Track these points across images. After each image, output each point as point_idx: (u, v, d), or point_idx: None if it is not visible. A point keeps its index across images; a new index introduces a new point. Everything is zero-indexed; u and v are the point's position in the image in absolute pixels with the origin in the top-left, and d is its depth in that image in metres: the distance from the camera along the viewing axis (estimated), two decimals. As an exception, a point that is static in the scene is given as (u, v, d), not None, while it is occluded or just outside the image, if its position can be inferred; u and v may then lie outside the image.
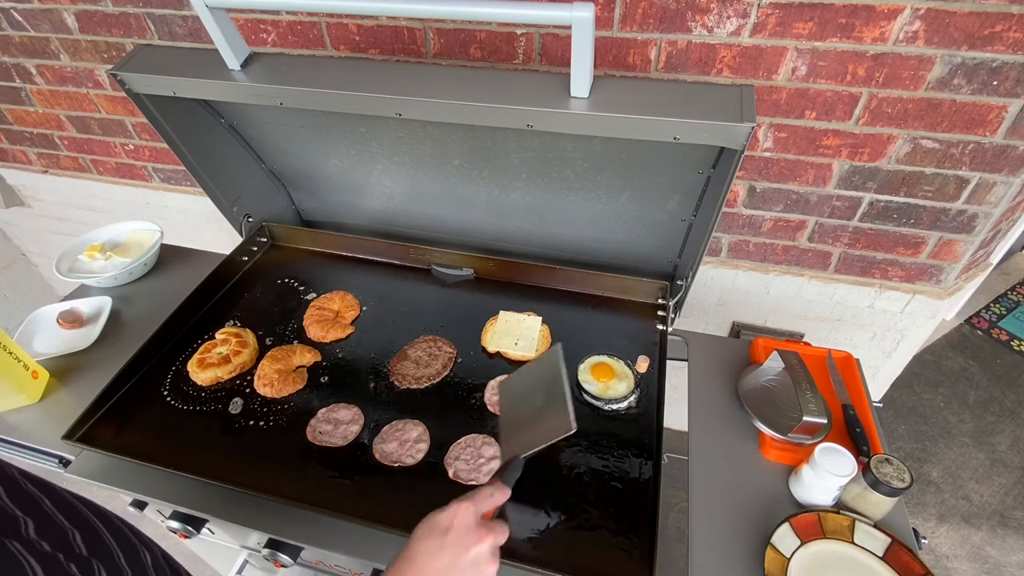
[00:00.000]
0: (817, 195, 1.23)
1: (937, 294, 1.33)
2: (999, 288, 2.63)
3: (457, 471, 0.88)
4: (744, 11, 1.00)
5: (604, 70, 1.14)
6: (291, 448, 0.92)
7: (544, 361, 0.86)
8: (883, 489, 0.77)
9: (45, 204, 2.08)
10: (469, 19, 1.12)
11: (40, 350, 1.10)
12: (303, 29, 1.27)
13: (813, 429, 0.87)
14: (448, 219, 1.29)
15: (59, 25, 1.47)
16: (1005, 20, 0.92)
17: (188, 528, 0.91)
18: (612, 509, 0.84)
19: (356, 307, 1.18)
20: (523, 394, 0.84)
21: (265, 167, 1.31)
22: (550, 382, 0.82)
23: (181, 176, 1.78)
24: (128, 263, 1.25)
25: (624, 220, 1.13)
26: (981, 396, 2.16)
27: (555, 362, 0.84)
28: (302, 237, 1.36)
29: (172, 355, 1.07)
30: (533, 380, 0.85)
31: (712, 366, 1.07)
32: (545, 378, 0.84)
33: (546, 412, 0.79)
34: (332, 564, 0.97)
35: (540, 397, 0.81)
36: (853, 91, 1.05)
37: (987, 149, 1.07)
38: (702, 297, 1.52)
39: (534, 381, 0.85)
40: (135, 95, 0.97)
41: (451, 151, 1.08)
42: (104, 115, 1.67)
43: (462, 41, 1.18)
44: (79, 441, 0.91)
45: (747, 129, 0.72)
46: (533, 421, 0.79)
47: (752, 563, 0.79)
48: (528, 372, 0.87)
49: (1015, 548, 1.71)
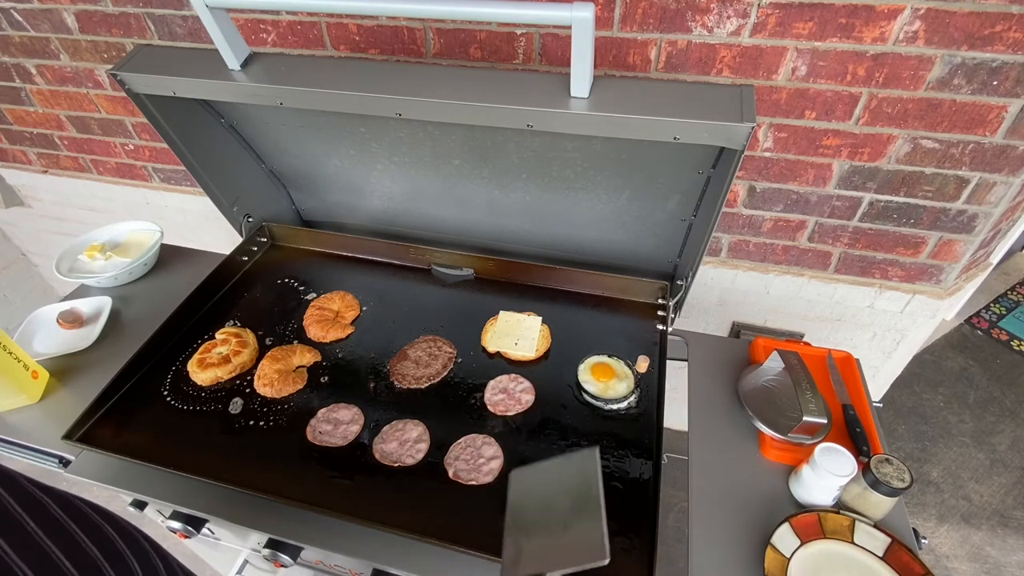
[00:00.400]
0: (817, 195, 1.23)
1: (937, 294, 1.33)
2: (999, 288, 2.63)
3: (457, 471, 0.88)
4: (744, 11, 1.00)
5: (604, 70, 1.14)
6: (291, 448, 0.92)
7: (577, 464, 0.74)
8: (883, 489, 0.77)
9: (45, 204, 2.08)
10: (469, 19, 1.12)
11: (40, 350, 1.10)
12: (303, 29, 1.27)
13: (813, 429, 0.87)
14: (448, 219, 1.29)
15: (59, 25, 1.47)
16: (1005, 20, 0.92)
17: (188, 528, 0.91)
18: (612, 509, 0.83)
19: (356, 307, 1.18)
20: (544, 493, 0.73)
21: (265, 167, 1.31)
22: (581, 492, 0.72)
23: (181, 176, 1.78)
24: (128, 263, 1.25)
25: (624, 220, 1.13)
26: (981, 396, 2.16)
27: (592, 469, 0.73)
28: (302, 237, 1.36)
29: (172, 355, 1.07)
30: (560, 481, 0.74)
31: (712, 366, 1.07)
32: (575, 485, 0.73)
33: (572, 528, 0.69)
34: (332, 564, 0.97)
35: (565, 505, 0.71)
36: (853, 91, 1.05)
37: (987, 149, 1.07)
38: (702, 297, 1.52)
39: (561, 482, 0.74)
40: (135, 95, 0.97)
41: (451, 151, 1.08)
42: (104, 115, 1.67)
43: (462, 41, 1.18)
44: (79, 441, 0.91)
45: (747, 129, 0.72)
46: (552, 532, 0.70)
47: (752, 563, 0.79)
48: (554, 469, 0.75)
49: (1015, 548, 1.71)
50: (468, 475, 0.87)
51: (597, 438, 0.93)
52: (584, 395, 0.99)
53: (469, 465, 0.89)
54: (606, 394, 0.98)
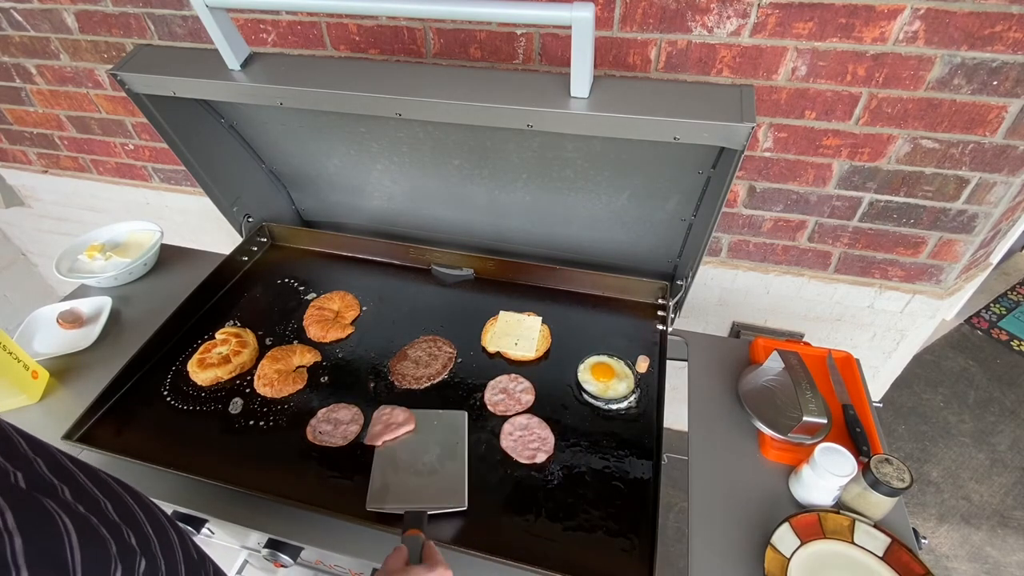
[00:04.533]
0: (817, 195, 1.23)
1: (937, 294, 1.33)
2: (999, 288, 2.62)
3: (457, 471, 0.88)
4: (744, 11, 1.00)
5: (604, 70, 1.14)
6: (291, 448, 0.92)
7: (447, 420, 0.92)
8: (883, 489, 0.77)
9: (45, 204, 2.08)
10: (469, 19, 1.12)
11: (40, 350, 1.10)
12: (303, 29, 1.27)
13: (813, 429, 0.87)
14: (448, 219, 1.29)
15: (59, 25, 1.47)
16: (1005, 20, 0.92)
17: (188, 528, 0.91)
18: (612, 509, 0.84)
19: (356, 307, 1.18)
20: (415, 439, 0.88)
21: (265, 167, 1.31)
22: (450, 444, 0.88)
23: (181, 176, 1.78)
24: (128, 263, 1.25)
25: (624, 220, 1.13)
26: (981, 396, 2.16)
27: (460, 426, 0.91)
28: (302, 237, 1.36)
29: (172, 355, 1.07)
30: (431, 430, 0.90)
31: (712, 366, 1.07)
32: (445, 437, 0.89)
33: (439, 474, 0.84)
34: (332, 564, 0.97)
35: (435, 456, 0.86)
36: (853, 91, 1.05)
37: (987, 149, 1.07)
38: (702, 297, 1.52)
39: (432, 432, 0.90)
40: (135, 95, 0.97)
41: (451, 151, 1.08)
42: (104, 115, 1.67)
43: (462, 41, 1.18)
44: (79, 441, 0.91)
45: (747, 129, 0.72)
46: (420, 474, 0.84)
47: (752, 563, 0.79)
48: (427, 419, 0.92)
49: (1015, 548, 1.71)
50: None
51: (597, 438, 0.93)
52: (584, 395, 0.99)
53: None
54: (606, 394, 0.98)
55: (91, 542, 0.38)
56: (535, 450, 0.90)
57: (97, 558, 0.38)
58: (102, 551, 0.38)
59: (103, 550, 0.39)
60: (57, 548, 0.35)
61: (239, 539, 1.02)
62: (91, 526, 0.39)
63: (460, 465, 0.85)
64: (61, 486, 0.41)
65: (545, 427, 0.93)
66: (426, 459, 0.86)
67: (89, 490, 0.43)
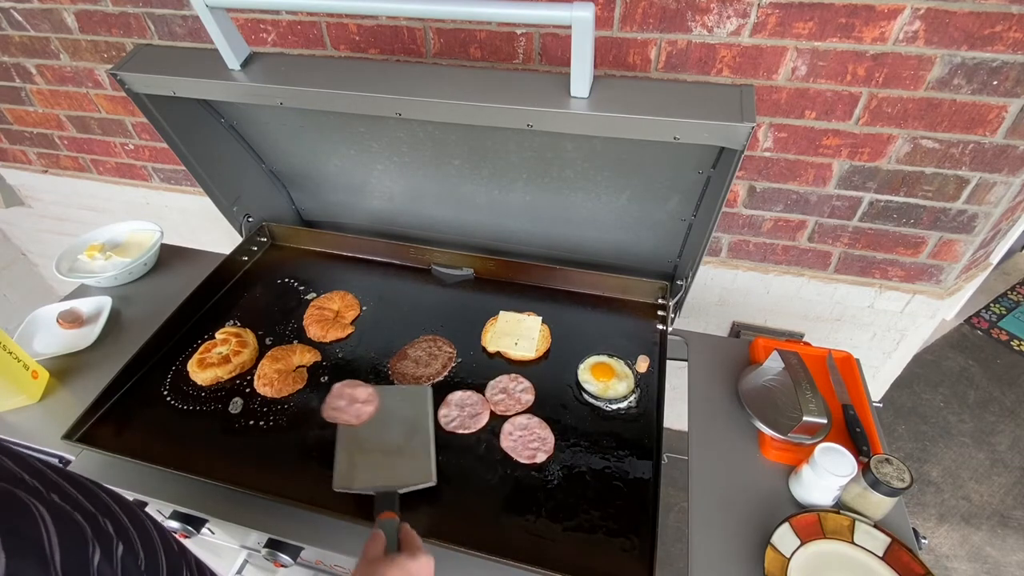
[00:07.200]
0: (817, 195, 1.23)
1: (937, 294, 1.33)
2: (999, 288, 2.63)
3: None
4: (744, 11, 1.00)
5: (604, 70, 1.14)
6: (291, 448, 0.92)
7: (411, 396, 0.89)
8: (883, 489, 0.77)
9: (45, 204, 2.08)
10: (469, 19, 1.12)
11: (40, 350, 1.10)
12: (303, 29, 1.27)
13: (813, 429, 0.87)
14: (448, 219, 1.29)
15: (59, 25, 1.47)
16: (1005, 20, 0.92)
17: (188, 528, 0.91)
18: (612, 509, 0.84)
19: (356, 307, 1.18)
20: (379, 418, 0.84)
21: (265, 167, 1.31)
22: (415, 422, 0.85)
23: (181, 176, 1.78)
24: (128, 263, 1.25)
25: (624, 220, 1.13)
26: (981, 396, 2.16)
27: (423, 401, 0.88)
28: (302, 237, 1.36)
29: (172, 355, 1.07)
30: (394, 408, 0.87)
31: (712, 366, 1.07)
32: (409, 415, 0.86)
33: (405, 452, 0.81)
34: (332, 564, 0.97)
35: (400, 433, 0.84)
36: (853, 91, 1.05)
37: (987, 149, 1.07)
38: (702, 297, 1.52)
39: (396, 409, 0.87)
40: (135, 95, 0.97)
41: (451, 151, 1.07)
42: (104, 115, 1.67)
43: (462, 41, 1.18)
44: (79, 441, 0.91)
45: (747, 129, 0.72)
46: (386, 452, 0.81)
47: (752, 563, 0.79)
48: (390, 396, 0.87)
49: (1015, 548, 1.71)
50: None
51: (597, 438, 0.93)
52: (584, 395, 0.99)
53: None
54: (606, 394, 0.98)
55: (66, 527, 0.37)
56: (535, 450, 0.90)
57: (74, 539, 0.37)
58: (78, 534, 0.38)
59: (79, 533, 0.38)
60: (30, 527, 0.35)
61: (239, 539, 1.02)
62: (64, 511, 0.39)
63: (426, 439, 0.83)
64: (31, 480, 0.41)
65: (545, 427, 0.93)
66: (391, 436, 0.83)
67: (60, 483, 0.43)
